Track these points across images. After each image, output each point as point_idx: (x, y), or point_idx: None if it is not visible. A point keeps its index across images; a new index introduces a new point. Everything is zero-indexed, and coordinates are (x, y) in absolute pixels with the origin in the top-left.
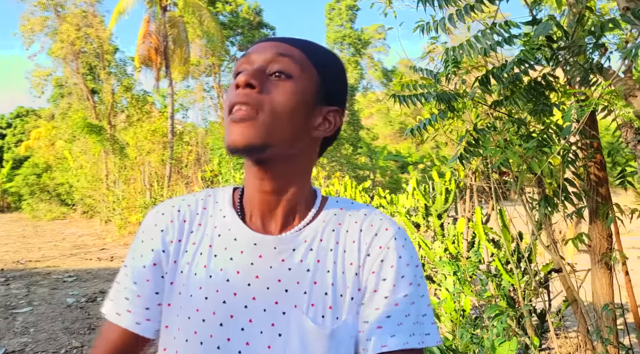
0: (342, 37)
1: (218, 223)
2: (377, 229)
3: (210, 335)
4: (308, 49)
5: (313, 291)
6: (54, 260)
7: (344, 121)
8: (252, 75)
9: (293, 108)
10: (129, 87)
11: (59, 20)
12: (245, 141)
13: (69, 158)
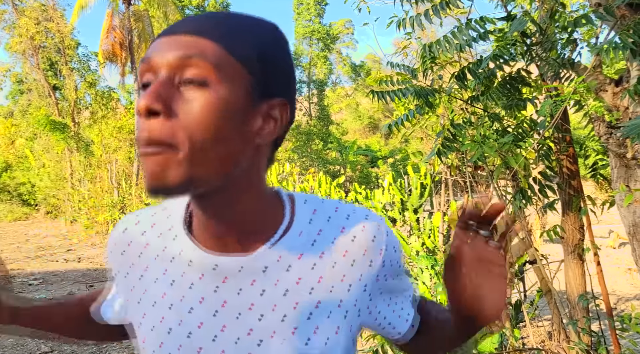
0: (311, 32)
1: (169, 244)
2: (370, 234)
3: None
4: (226, 35)
5: (294, 316)
6: (17, 263)
7: (303, 112)
8: (155, 98)
9: (216, 126)
10: (92, 83)
11: (17, 14)
12: (162, 184)
13: (31, 157)
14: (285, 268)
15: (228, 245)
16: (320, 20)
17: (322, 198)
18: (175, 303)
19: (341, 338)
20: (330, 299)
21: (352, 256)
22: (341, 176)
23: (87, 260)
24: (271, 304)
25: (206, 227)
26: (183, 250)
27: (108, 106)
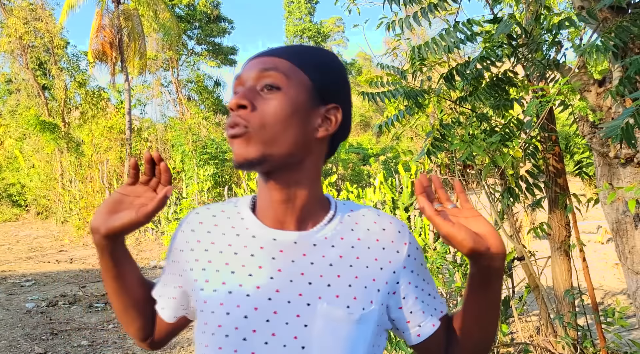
0: (302, 31)
1: (236, 224)
2: (397, 228)
3: (235, 327)
4: (294, 55)
5: (337, 284)
6: (8, 264)
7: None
8: (242, 97)
9: (285, 117)
10: (82, 82)
11: (5, 14)
12: (243, 157)
13: (20, 157)
14: (330, 245)
15: (286, 224)
16: (311, 18)
17: (355, 202)
18: (237, 270)
19: (375, 310)
20: (366, 274)
21: (383, 243)
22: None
23: (79, 261)
24: (318, 273)
25: (269, 208)
26: (249, 227)
27: (98, 106)
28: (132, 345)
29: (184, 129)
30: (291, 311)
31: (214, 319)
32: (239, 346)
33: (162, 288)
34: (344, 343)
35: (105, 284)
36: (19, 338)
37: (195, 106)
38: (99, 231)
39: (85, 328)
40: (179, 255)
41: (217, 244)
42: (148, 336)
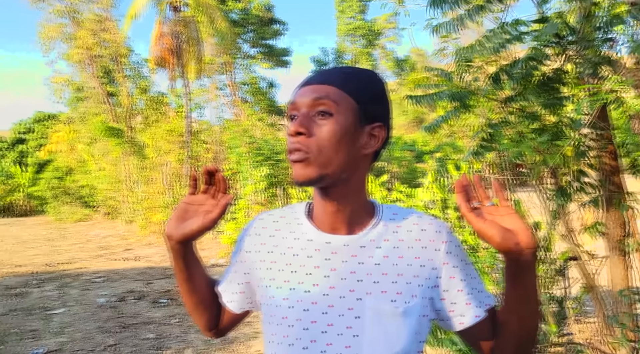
0: (354, 30)
1: (295, 229)
2: (437, 228)
3: (297, 319)
4: (342, 82)
5: (384, 281)
6: (82, 262)
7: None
8: (299, 125)
9: (338, 140)
10: (145, 88)
11: (75, 26)
12: (304, 178)
13: (90, 161)
14: (376, 247)
15: (337, 229)
16: (363, 16)
17: (399, 206)
18: (298, 269)
19: (418, 303)
20: (408, 272)
21: (423, 242)
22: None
23: (145, 259)
24: (367, 272)
25: (324, 216)
26: (305, 232)
27: (159, 111)
28: (193, 339)
29: (239, 131)
30: (344, 304)
31: (279, 312)
32: (301, 335)
33: (227, 284)
34: (390, 332)
35: (179, 284)
36: (93, 331)
37: (249, 107)
38: (173, 237)
39: (151, 322)
40: (246, 256)
41: (279, 247)
42: (214, 327)
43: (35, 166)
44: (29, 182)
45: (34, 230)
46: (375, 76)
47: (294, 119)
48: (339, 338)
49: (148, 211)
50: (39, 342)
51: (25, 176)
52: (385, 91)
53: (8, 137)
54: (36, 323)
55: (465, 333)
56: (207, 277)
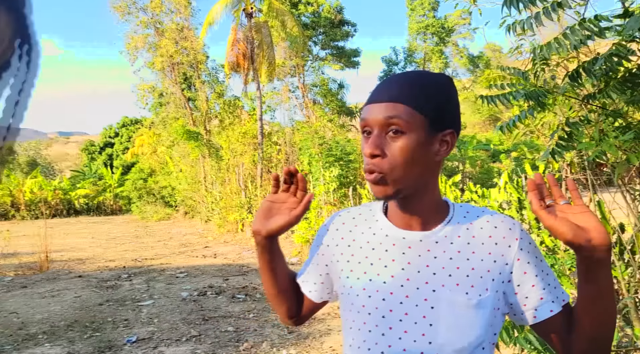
0: (425, 27)
1: (372, 225)
2: (509, 225)
3: (375, 307)
4: (411, 97)
5: (457, 274)
6: (165, 258)
7: None
8: (374, 147)
9: (411, 156)
10: (221, 93)
11: (158, 36)
12: (382, 195)
13: (170, 163)
14: (450, 242)
15: (412, 226)
16: (435, 14)
17: (472, 205)
18: (375, 262)
19: (490, 296)
20: (481, 266)
21: (495, 239)
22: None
23: (222, 256)
24: (441, 266)
25: (400, 214)
26: (382, 228)
27: (234, 114)
28: (269, 333)
29: (310, 132)
30: (420, 295)
31: (358, 301)
32: (379, 322)
33: (307, 276)
34: (464, 322)
35: (262, 275)
36: (178, 322)
37: (320, 109)
38: (260, 233)
39: (230, 316)
40: (326, 249)
41: (357, 241)
42: (294, 316)
43: (121, 168)
44: (116, 183)
45: (122, 228)
46: (442, 81)
47: (367, 134)
48: (415, 326)
49: (224, 211)
50: (131, 330)
51: (113, 178)
52: (453, 94)
53: (99, 141)
54: (128, 313)
55: (539, 327)
56: (288, 269)
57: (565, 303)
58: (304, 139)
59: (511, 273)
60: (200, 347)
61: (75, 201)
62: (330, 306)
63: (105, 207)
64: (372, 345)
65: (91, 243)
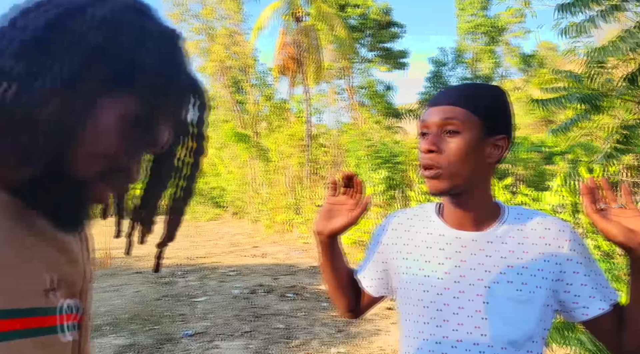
0: (475, 27)
1: (427, 225)
2: (560, 227)
3: (431, 301)
4: (468, 102)
5: (509, 272)
6: (216, 256)
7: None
8: (431, 143)
9: (466, 155)
10: (269, 96)
11: (210, 42)
12: (437, 190)
13: (220, 164)
14: (502, 242)
15: (466, 226)
16: (485, 13)
17: (524, 207)
18: (431, 259)
19: (541, 294)
20: (532, 265)
21: (547, 240)
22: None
23: (270, 256)
24: (494, 264)
25: (454, 215)
26: (437, 228)
27: (282, 116)
28: (319, 332)
29: (358, 134)
30: (474, 291)
31: (415, 295)
32: (435, 315)
33: (366, 272)
34: (516, 317)
35: (323, 271)
36: (231, 318)
37: (367, 110)
38: (323, 233)
39: (280, 314)
40: (384, 248)
41: (413, 240)
42: (352, 309)
43: None
44: None
45: None
46: (497, 91)
47: (425, 135)
48: (469, 319)
49: (272, 212)
50: (187, 325)
51: None
52: (508, 104)
53: None
54: (184, 308)
55: (590, 325)
56: (348, 266)
57: (615, 302)
58: (351, 141)
59: (562, 272)
60: (253, 342)
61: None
62: (379, 307)
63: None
64: (428, 336)
65: (146, 241)
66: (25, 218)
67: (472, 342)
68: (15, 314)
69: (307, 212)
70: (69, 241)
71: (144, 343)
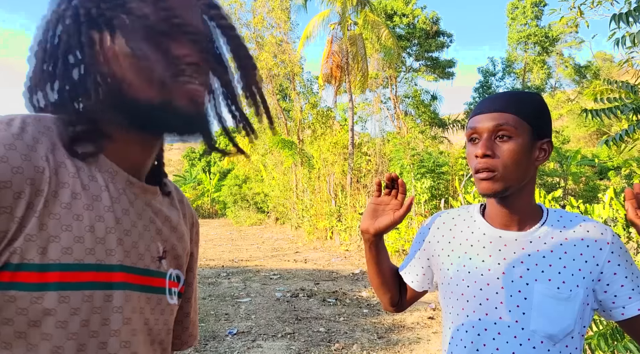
0: (526, 37)
1: (470, 224)
2: (600, 230)
3: (473, 296)
4: (517, 108)
5: (549, 271)
6: (259, 260)
7: None
8: (486, 148)
9: (519, 158)
10: (314, 104)
11: (258, 50)
12: (492, 191)
13: (263, 170)
14: (543, 242)
15: (508, 226)
16: (538, 22)
17: (565, 210)
18: (473, 257)
19: (580, 292)
20: (572, 265)
21: (587, 242)
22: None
23: (312, 262)
24: (534, 262)
25: (497, 215)
26: (480, 227)
27: (326, 124)
28: (360, 337)
29: (402, 144)
30: (514, 287)
31: (458, 289)
32: (476, 308)
33: (410, 268)
34: (555, 313)
35: (369, 267)
36: (273, 319)
37: (411, 120)
38: (369, 231)
39: (321, 318)
40: (428, 245)
41: (457, 238)
42: (395, 304)
43: (218, 174)
44: (214, 188)
45: (218, 230)
46: (538, 97)
47: (474, 141)
48: (509, 314)
49: (314, 218)
50: (232, 324)
51: (211, 183)
52: (547, 109)
53: (199, 148)
54: (228, 308)
55: (628, 325)
56: (391, 263)
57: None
58: (396, 150)
59: (601, 273)
60: (295, 344)
61: None
62: (420, 316)
63: (203, 210)
64: (470, 328)
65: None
66: (145, 195)
67: (512, 334)
68: (134, 271)
69: (348, 220)
70: (179, 221)
71: None
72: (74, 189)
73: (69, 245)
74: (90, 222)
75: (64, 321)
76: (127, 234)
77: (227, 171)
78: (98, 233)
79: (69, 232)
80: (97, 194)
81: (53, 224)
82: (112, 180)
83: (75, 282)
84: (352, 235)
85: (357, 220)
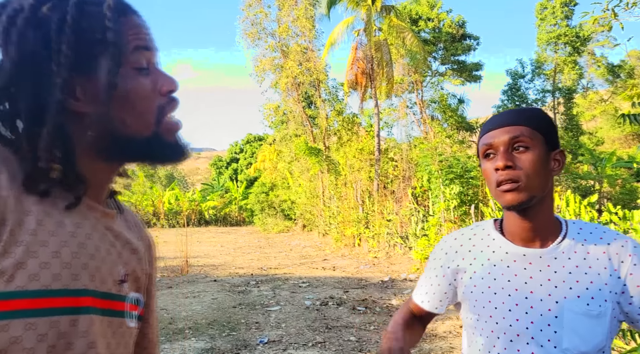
0: (557, 37)
1: (490, 243)
2: (621, 242)
3: (503, 317)
4: (527, 120)
5: (577, 287)
6: (287, 268)
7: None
8: (506, 159)
9: (538, 168)
10: (340, 111)
11: (283, 58)
12: (517, 202)
13: (289, 178)
14: (567, 258)
15: (530, 242)
16: (568, 22)
17: (584, 221)
18: (498, 277)
19: (609, 307)
20: (598, 280)
21: (609, 255)
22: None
23: (340, 269)
24: (561, 279)
25: (519, 230)
26: (501, 246)
27: (352, 130)
28: None
29: (430, 149)
30: (544, 306)
31: (485, 312)
32: (507, 330)
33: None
34: (587, 330)
35: None
36: (304, 328)
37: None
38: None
39: (352, 326)
40: (447, 271)
41: (478, 260)
42: None
43: (245, 182)
44: (241, 196)
45: (246, 238)
46: (543, 111)
47: (489, 157)
48: (541, 333)
49: (341, 225)
50: (262, 332)
51: (238, 191)
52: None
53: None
54: (258, 317)
55: None
56: (415, 336)
57: None
58: (423, 156)
59: (624, 286)
60: (326, 353)
61: (205, 211)
62: (452, 324)
63: (230, 218)
64: (501, 350)
65: (221, 251)
66: (106, 219)
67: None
68: (98, 295)
69: (376, 227)
70: (138, 244)
71: (223, 348)
72: (37, 216)
73: (35, 271)
74: (56, 247)
75: (31, 348)
76: (91, 258)
77: (254, 179)
78: (64, 258)
79: (35, 258)
80: (61, 220)
81: (20, 252)
82: None
83: (42, 308)
84: (380, 242)
85: (384, 226)
